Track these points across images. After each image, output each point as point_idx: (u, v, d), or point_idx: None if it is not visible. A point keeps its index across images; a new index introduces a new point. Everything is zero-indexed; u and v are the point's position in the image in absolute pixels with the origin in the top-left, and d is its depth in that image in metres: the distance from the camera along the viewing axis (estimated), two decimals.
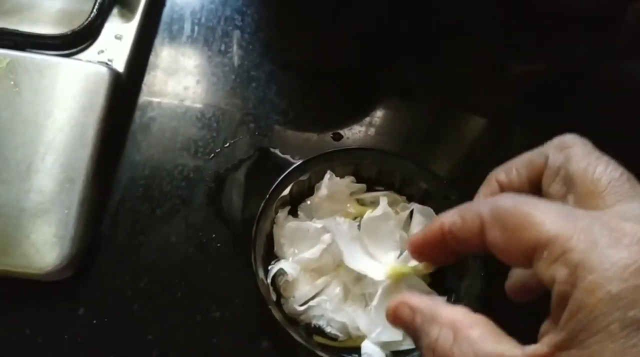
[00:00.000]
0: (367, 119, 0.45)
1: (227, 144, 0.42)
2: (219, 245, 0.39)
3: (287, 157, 0.42)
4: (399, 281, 0.33)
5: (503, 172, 0.25)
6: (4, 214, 0.36)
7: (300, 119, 0.44)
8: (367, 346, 0.33)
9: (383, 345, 0.33)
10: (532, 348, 0.18)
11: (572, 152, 0.22)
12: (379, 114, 0.46)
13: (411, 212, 0.36)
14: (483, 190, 0.25)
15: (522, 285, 0.25)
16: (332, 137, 0.44)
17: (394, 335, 0.32)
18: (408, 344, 0.33)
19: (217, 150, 0.42)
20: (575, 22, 0.52)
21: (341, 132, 0.44)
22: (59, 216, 0.36)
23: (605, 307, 0.16)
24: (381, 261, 0.34)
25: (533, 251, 0.18)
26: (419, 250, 0.24)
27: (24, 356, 0.35)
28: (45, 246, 0.35)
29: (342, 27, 0.49)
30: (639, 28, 0.54)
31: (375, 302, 0.32)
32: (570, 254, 0.17)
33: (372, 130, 0.45)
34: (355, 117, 0.45)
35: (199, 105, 0.43)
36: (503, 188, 0.24)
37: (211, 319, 0.37)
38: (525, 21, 0.51)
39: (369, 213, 0.35)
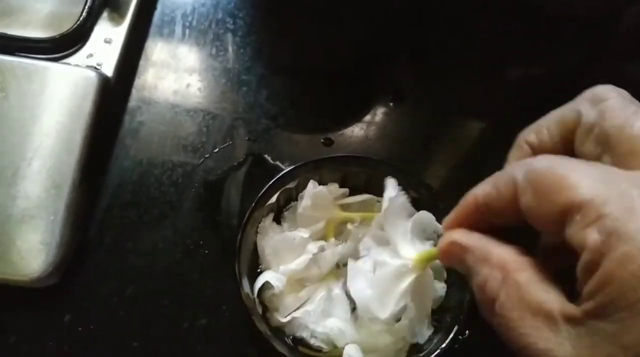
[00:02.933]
0: (359, 124, 0.45)
1: (217, 149, 0.42)
2: (206, 252, 0.39)
3: (277, 163, 0.42)
4: (420, 270, 0.29)
5: (533, 133, 0.23)
6: None
7: (290, 124, 0.44)
8: (350, 349, 0.32)
9: (369, 355, 0.33)
10: (568, 308, 0.17)
11: (607, 106, 0.20)
12: (371, 119, 0.45)
13: None
14: (513, 154, 0.23)
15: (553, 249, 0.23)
16: (322, 142, 0.43)
17: (379, 310, 0.30)
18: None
19: (206, 156, 0.42)
20: (572, 25, 0.51)
21: (332, 137, 0.44)
22: (45, 222, 0.36)
23: (637, 282, 0.15)
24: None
25: (566, 214, 0.17)
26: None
27: None
28: (31, 252, 0.35)
29: (334, 32, 0.48)
30: (635, 30, 0.54)
31: (383, 272, 0.30)
32: (604, 220, 0.16)
33: (363, 136, 0.44)
34: (347, 122, 0.45)
35: (189, 110, 0.43)
36: (534, 150, 0.22)
37: (198, 327, 0.37)
38: (522, 24, 0.51)
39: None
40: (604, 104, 0.20)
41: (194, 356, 0.36)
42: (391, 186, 0.32)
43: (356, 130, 0.44)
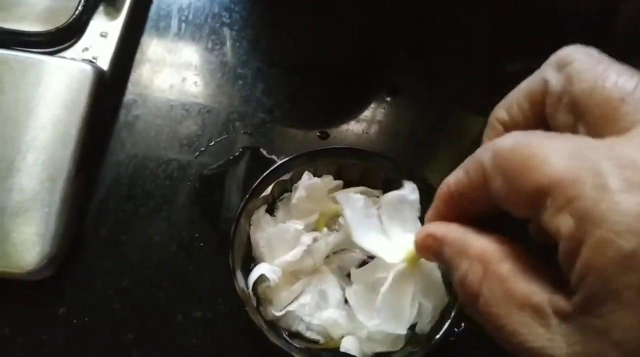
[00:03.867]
0: (356, 118, 0.45)
1: (212, 143, 0.42)
2: (201, 245, 0.39)
3: (273, 156, 0.42)
4: (415, 265, 0.29)
5: (503, 109, 0.21)
6: None
7: (286, 117, 0.44)
8: (347, 341, 0.32)
9: (366, 345, 0.32)
10: (558, 301, 0.15)
11: (573, 69, 0.18)
12: (367, 113, 0.45)
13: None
14: (486, 134, 0.21)
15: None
16: (318, 135, 0.43)
17: (396, 327, 0.29)
18: (391, 347, 0.33)
19: (202, 149, 0.42)
20: (571, 20, 0.51)
21: (328, 131, 0.44)
22: (40, 214, 0.36)
23: (618, 269, 0.13)
24: (398, 242, 0.30)
25: (537, 199, 0.15)
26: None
27: (4, 356, 0.35)
28: (26, 244, 0.35)
29: (331, 26, 0.48)
30: (632, 26, 0.54)
31: (385, 287, 0.28)
32: (576, 202, 0.14)
33: (360, 130, 0.44)
34: (343, 116, 0.45)
35: (184, 104, 0.43)
36: (507, 128, 0.20)
37: (192, 319, 0.37)
38: (521, 20, 0.51)
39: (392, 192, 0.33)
40: (570, 67, 0.18)
41: (188, 348, 0.36)
42: (345, 204, 0.30)
43: (352, 124, 0.44)
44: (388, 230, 0.31)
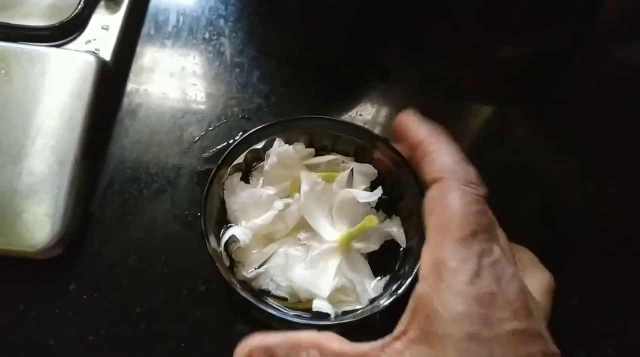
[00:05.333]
0: (348, 102, 0.46)
1: (212, 128, 0.44)
2: None
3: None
4: (345, 247, 0.35)
5: None
6: None
7: (282, 102, 0.46)
8: (317, 303, 0.33)
9: (334, 303, 0.34)
10: (388, 339, 0.23)
11: None
12: (359, 98, 0.47)
13: (352, 172, 0.37)
14: None
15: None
16: None
17: (319, 290, 0.34)
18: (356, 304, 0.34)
19: (202, 134, 0.44)
20: (558, 6, 0.52)
21: (321, 114, 0.45)
22: (49, 196, 0.38)
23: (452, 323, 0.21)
24: (336, 227, 0.36)
25: None
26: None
27: (18, 331, 0.37)
28: (37, 224, 0.37)
29: (323, 15, 0.50)
30: (619, 10, 0.55)
31: (315, 254, 0.34)
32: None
33: (353, 113, 0.46)
34: (336, 100, 0.47)
35: (184, 91, 0.45)
36: None
37: (197, 293, 0.38)
38: (510, 6, 0.52)
39: (348, 190, 0.36)
40: None
41: (194, 320, 0.38)
42: (305, 182, 0.35)
43: (345, 108, 0.46)
44: (335, 218, 0.36)
